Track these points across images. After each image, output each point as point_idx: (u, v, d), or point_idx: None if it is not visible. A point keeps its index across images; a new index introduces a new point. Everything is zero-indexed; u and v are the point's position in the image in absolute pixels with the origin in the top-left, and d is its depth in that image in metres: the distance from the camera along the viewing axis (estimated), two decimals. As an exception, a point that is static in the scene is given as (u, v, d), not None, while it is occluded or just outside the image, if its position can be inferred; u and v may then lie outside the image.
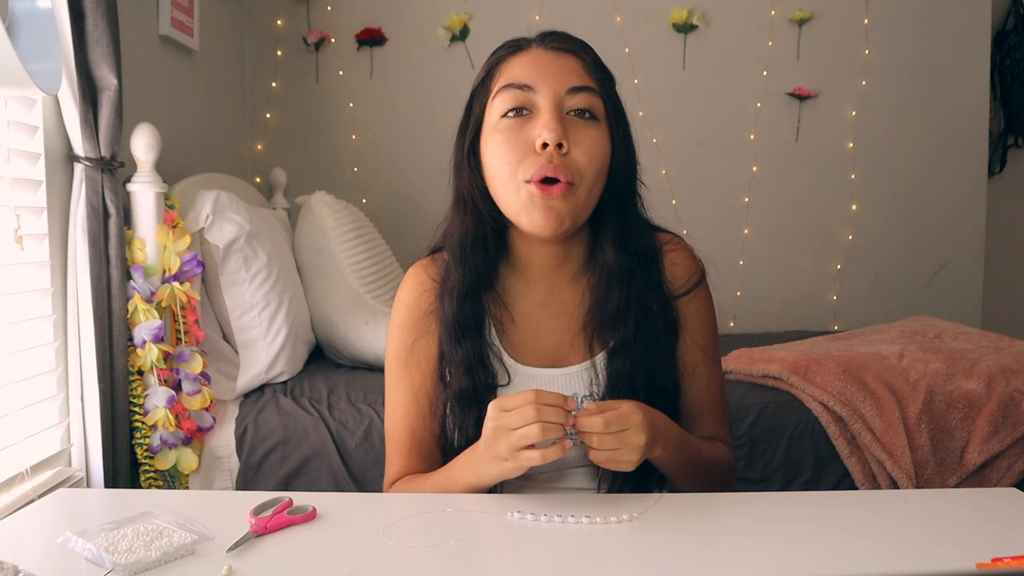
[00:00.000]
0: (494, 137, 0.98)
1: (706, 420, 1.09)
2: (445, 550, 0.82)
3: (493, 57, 1.03)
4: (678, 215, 2.78)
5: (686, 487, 1.03)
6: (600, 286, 1.04)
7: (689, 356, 1.07)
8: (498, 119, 0.98)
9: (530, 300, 1.07)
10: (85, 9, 1.40)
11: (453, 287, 1.03)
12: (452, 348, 1.03)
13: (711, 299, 1.11)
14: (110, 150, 1.46)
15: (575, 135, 0.96)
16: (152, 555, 0.77)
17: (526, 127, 0.97)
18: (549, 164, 0.94)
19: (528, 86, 0.97)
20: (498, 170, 0.98)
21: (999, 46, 3.07)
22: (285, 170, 2.62)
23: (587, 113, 0.98)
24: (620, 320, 1.01)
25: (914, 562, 0.78)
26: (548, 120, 0.95)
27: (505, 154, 0.97)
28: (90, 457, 1.47)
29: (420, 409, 1.06)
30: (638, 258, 1.03)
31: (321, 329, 2.07)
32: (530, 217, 0.97)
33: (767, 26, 2.87)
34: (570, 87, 0.97)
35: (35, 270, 1.41)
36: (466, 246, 1.03)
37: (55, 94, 1.13)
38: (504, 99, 0.98)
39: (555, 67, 0.98)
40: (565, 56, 0.99)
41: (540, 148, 0.95)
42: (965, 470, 1.73)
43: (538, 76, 0.97)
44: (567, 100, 0.97)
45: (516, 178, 0.96)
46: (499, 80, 1.00)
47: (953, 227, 2.97)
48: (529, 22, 2.78)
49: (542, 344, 1.06)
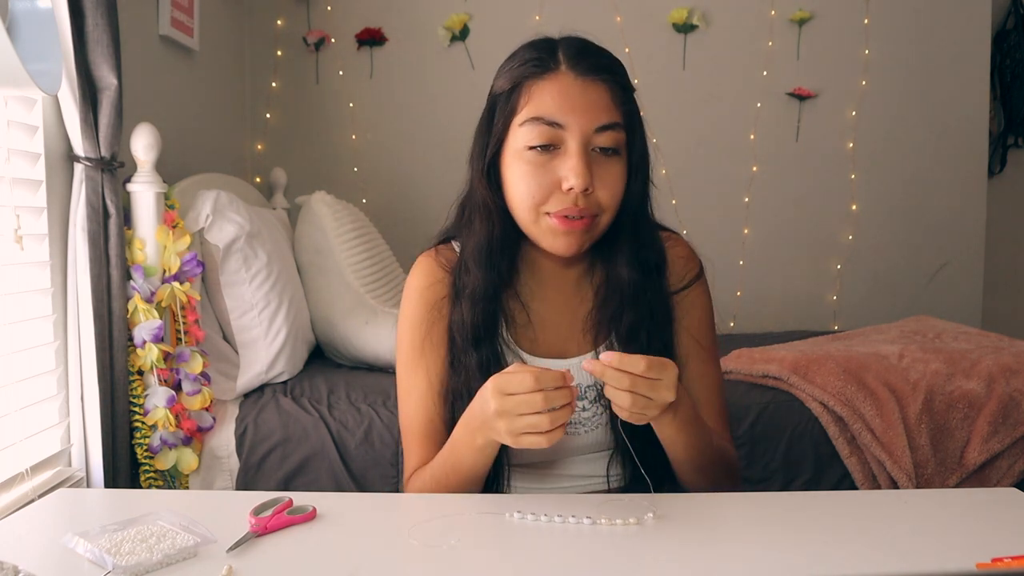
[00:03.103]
0: (519, 166, 0.99)
1: (703, 414, 1.08)
2: (445, 550, 0.82)
3: (520, 71, 1.00)
4: (678, 215, 2.78)
5: (694, 474, 1.02)
6: (611, 297, 1.06)
7: (682, 346, 1.09)
8: (524, 148, 0.99)
9: (540, 296, 1.10)
10: (85, 9, 1.40)
11: (473, 290, 1.04)
12: (467, 350, 1.04)
13: (709, 295, 1.13)
14: (110, 150, 1.46)
15: (599, 174, 0.98)
16: (154, 557, 0.77)
17: (552, 163, 0.98)
18: (574, 207, 0.97)
19: (558, 123, 0.97)
20: (521, 200, 1.00)
21: (999, 46, 3.07)
22: (285, 170, 2.62)
23: (611, 150, 0.99)
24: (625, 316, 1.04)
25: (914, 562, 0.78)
26: (576, 165, 0.96)
27: (529, 187, 0.98)
28: (90, 457, 1.47)
29: (436, 395, 1.06)
30: (648, 269, 1.06)
31: (321, 329, 2.07)
32: (550, 243, 1.01)
33: (767, 26, 2.87)
34: (598, 126, 0.97)
35: (35, 270, 1.41)
36: (487, 253, 1.04)
37: (55, 94, 1.13)
38: (531, 132, 0.98)
39: (584, 102, 0.97)
40: (593, 86, 0.98)
41: (566, 190, 0.97)
42: (965, 470, 1.73)
43: (568, 112, 0.97)
44: (594, 138, 0.98)
45: (538, 210, 0.99)
46: (526, 103, 0.99)
47: (953, 227, 2.97)
48: (529, 22, 2.78)
49: (550, 337, 1.08)
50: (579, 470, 1.07)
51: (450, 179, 1.15)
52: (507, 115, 1.01)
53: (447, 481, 1.00)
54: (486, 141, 1.03)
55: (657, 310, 1.05)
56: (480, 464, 0.97)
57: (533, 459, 1.06)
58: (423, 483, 1.03)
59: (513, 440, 0.88)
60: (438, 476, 1.01)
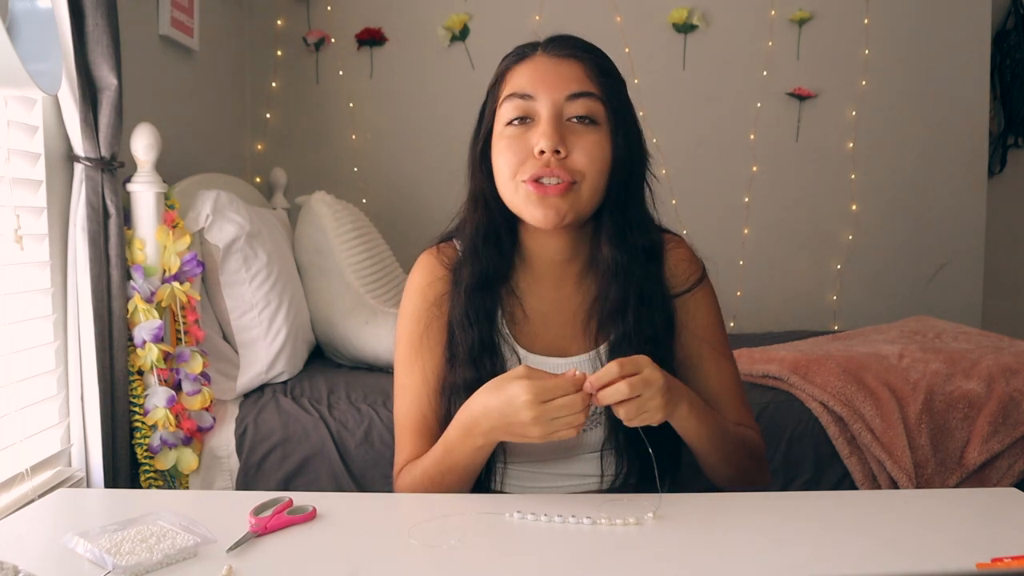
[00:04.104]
0: (499, 143, 1.04)
1: (725, 410, 1.10)
2: (445, 550, 0.82)
3: (502, 64, 1.08)
4: (678, 215, 2.77)
5: (724, 464, 1.04)
6: (600, 281, 1.08)
7: (694, 350, 1.10)
8: (503, 127, 1.04)
9: (539, 294, 1.10)
10: (85, 9, 1.40)
11: (465, 280, 1.07)
12: (460, 338, 1.06)
13: (714, 295, 1.14)
14: (110, 150, 1.46)
15: (574, 140, 1.01)
16: (153, 557, 0.77)
17: (527, 134, 1.02)
18: (546, 168, 1.00)
19: (529, 95, 1.02)
20: (501, 173, 1.04)
21: (999, 46, 3.07)
22: (285, 170, 2.62)
23: (587, 119, 1.02)
24: (621, 313, 1.05)
25: (914, 562, 0.78)
26: (545, 128, 1.00)
27: (507, 159, 1.02)
28: (90, 457, 1.47)
29: (431, 392, 1.08)
30: (636, 253, 1.06)
31: (321, 329, 2.07)
32: (531, 212, 1.02)
33: (767, 26, 2.87)
34: (569, 94, 1.01)
35: (35, 270, 1.41)
36: (478, 242, 1.08)
37: (55, 94, 1.13)
38: (508, 108, 1.03)
39: (555, 75, 1.02)
40: (567, 62, 1.03)
41: (538, 154, 1.00)
42: (965, 470, 1.73)
43: (538, 85, 1.02)
44: (567, 107, 1.01)
45: (516, 179, 1.02)
46: (505, 88, 1.05)
47: (953, 227, 2.97)
48: (529, 22, 2.78)
49: (549, 335, 1.09)
50: (574, 469, 1.08)
51: (450, 179, 1.15)
52: (492, 103, 1.07)
53: (441, 480, 1.01)
54: (478, 130, 1.09)
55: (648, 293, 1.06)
56: (477, 463, 1.00)
57: (529, 458, 1.07)
58: (413, 479, 1.04)
59: (544, 438, 0.90)
60: (431, 474, 1.01)
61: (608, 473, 1.07)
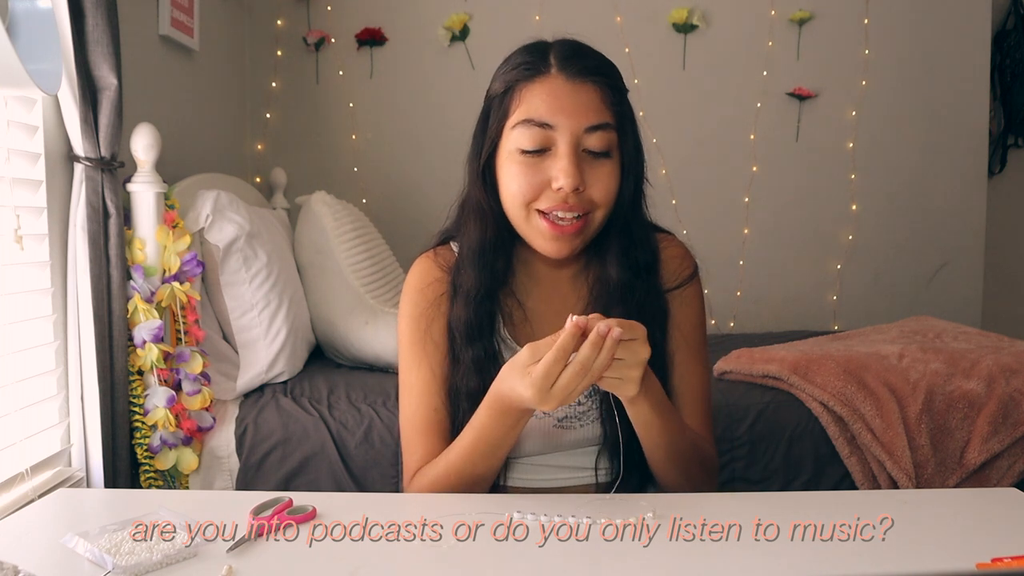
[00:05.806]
0: (511, 167, 1.01)
1: (687, 414, 1.08)
2: (445, 550, 0.82)
3: (512, 74, 1.02)
4: (678, 215, 2.78)
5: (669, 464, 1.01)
6: (602, 296, 1.07)
7: (671, 346, 1.09)
8: (517, 151, 1.00)
9: (536, 295, 1.11)
10: (85, 9, 1.40)
11: (468, 289, 1.05)
12: (463, 349, 1.05)
13: (702, 296, 1.13)
14: (110, 150, 1.46)
15: (590, 174, 0.99)
16: (154, 557, 0.77)
17: (543, 164, 0.99)
18: (564, 204, 0.98)
19: (548, 124, 0.98)
20: (512, 199, 1.01)
21: (999, 46, 3.07)
22: (285, 170, 2.62)
23: (602, 153, 1.00)
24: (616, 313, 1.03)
25: (914, 562, 0.78)
26: (566, 165, 0.97)
27: (520, 186, 1.00)
28: (90, 457, 1.47)
29: (440, 388, 1.07)
30: (639, 270, 1.06)
31: (321, 329, 2.07)
32: (542, 245, 1.02)
33: (767, 26, 2.87)
34: (588, 126, 0.98)
35: (35, 270, 1.41)
36: (479, 254, 1.05)
37: (55, 94, 1.13)
38: (523, 135, 0.99)
39: (574, 103, 0.98)
40: (584, 88, 0.99)
41: (556, 189, 0.98)
42: (965, 470, 1.73)
43: (557, 113, 0.98)
44: (584, 139, 0.98)
45: (528, 207, 1.00)
46: (517, 105, 1.00)
47: (953, 227, 2.97)
48: (529, 22, 2.78)
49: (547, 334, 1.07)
50: (571, 462, 1.09)
51: (450, 179, 1.15)
52: (500, 118, 1.02)
53: (473, 469, 0.99)
54: (481, 144, 1.05)
55: (648, 308, 1.05)
56: (512, 441, 0.98)
57: (528, 452, 1.08)
58: (437, 476, 1.01)
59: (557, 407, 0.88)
60: (457, 467, 0.99)
61: (603, 467, 1.08)
